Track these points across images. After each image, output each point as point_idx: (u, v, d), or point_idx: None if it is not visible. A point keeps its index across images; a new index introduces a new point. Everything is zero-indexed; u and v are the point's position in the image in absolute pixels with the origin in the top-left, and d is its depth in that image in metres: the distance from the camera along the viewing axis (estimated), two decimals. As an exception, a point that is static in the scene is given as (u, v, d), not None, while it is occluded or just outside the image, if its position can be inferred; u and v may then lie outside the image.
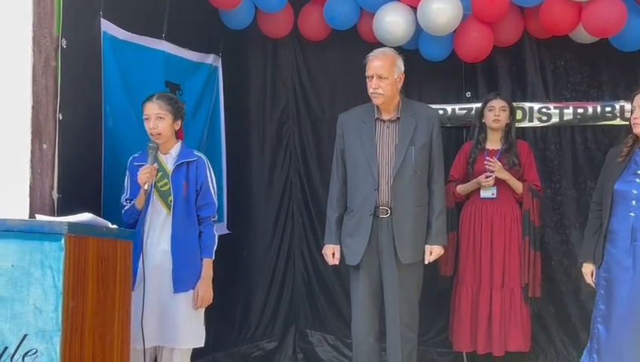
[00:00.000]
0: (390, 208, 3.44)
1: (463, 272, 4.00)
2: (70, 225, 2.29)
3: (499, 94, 4.05)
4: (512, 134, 4.01)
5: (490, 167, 3.85)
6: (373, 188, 3.44)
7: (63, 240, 2.27)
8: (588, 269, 3.42)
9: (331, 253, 3.61)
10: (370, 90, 3.44)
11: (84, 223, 2.42)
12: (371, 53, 3.51)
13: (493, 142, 4.04)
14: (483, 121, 4.04)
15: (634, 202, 3.18)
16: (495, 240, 3.92)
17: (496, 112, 3.95)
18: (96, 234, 2.45)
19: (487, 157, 3.90)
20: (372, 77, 3.42)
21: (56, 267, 2.26)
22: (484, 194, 3.96)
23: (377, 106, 3.52)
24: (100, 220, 2.54)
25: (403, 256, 3.43)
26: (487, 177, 3.86)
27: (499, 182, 3.90)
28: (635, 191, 3.19)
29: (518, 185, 3.92)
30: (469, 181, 4.01)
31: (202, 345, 3.27)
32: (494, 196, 3.94)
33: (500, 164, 3.87)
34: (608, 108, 4.16)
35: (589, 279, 3.42)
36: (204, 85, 4.21)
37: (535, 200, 3.94)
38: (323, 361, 4.66)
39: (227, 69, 4.39)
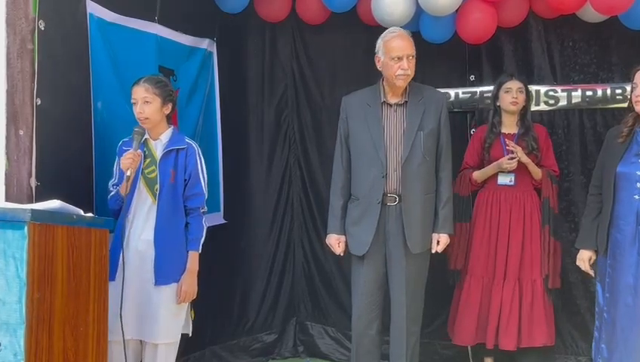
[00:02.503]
0: (398, 196, 3.33)
1: (474, 263, 3.83)
2: (34, 212, 2.20)
3: (514, 75, 3.88)
4: (528, 117, 3.85)
5: (513, 149, 3.69)
6: (381, 175, 3.32)
7: (26, 228, 2.17)
8: (585, 256, 3.30)
9: (337, 243, 3.49)
10: (400, 72, 3.25)
11: (50, 210, 2.31)
12: (390, 33, 3.33)
13: (509, 126, 3.88)
14: (498, 104, 3.87)
15: (638, 184, 3.05)
16: (513, 230, 3.76)
17: (513, 94, 3.79)
18: (66, 222, 2.36)
19: (507, 141, 3.75)
20: (401, 57, 3.25)
21: (20, 256, 2.17)
22: (501, 180, 3.80)
23: (383, 89, 3.39)
24: (71, 207, 2.43)
25: (412, 246, 3.32)
26: (510, 159, 3.69)
27: (517, 168, 3.74)
28: (639, 173, 3.05)
29: (537, 171, 3.77)
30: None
31: (178, 338, 3.16)
32: (512, 183, 3.78)
33: (520, 148, 3.72)
34: (619, 91, 3.98)
35: (586, 266, 3.30)
36: (199, 71, 4.11)
37: (554, 186, 3.78)
38: (324, 354, 4.57)
39: (223, 54, 4.29)
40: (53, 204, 2.34)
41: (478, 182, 3.89)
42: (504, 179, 3.80)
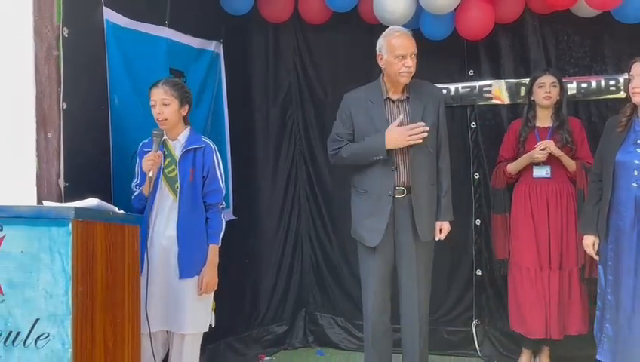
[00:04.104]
0: (407, 187, 3.44)
1: (518, 255, 3.91)
2: (77, 210, 2.31)
3: (547, 70, 3.94)
4: (563, 111, 3.90)
5: (541, 146, 3.77)
6: (391, 169, 3.43)
7: (70, 225, 2.29)
8: (589, 241, 3.41)
9: None
10: (404, 69, 3.36)
11: (90, 208, 2.44)
12: (394, 32, 3.43)
13: (544, 120, 3.94)
14: (532, 98, 3.93)
15: (636, 172, 3.18)
16: (552, 220, 3.83)
17: (546, 89, 3.85)
18: (103, 219, 2.48)
19: (540, 141, 3.81)
20: (405, 56, 3.35)
21: (65, 252, 2.28)
22: (537, 173, 3.87)
23: (385, 86, 3.50)
24: (107, 205, 2.55)
25: (423, 235, 3.45)
26: (541, 149, 3.74)
27: (552, 161, 3.82)
28: (636, 162, 3.19)
29: (571, 163, 3.82)
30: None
31: (207, 329, 3.30)
32: (549, 175, 3.85)
33: (552, 142, 3.78)
34: (612, 82, 4.12)
35: (591, 251, 3.41)
36: (207, 72, 4.22)
37: (589, 177, 3.75)
38: (334, 343, 4.69)
39: (229, 55, 4.39)
40: (92, 201, 2.46)
41: (512, 175, 3.96)
42: (540, 172, 3.87)
